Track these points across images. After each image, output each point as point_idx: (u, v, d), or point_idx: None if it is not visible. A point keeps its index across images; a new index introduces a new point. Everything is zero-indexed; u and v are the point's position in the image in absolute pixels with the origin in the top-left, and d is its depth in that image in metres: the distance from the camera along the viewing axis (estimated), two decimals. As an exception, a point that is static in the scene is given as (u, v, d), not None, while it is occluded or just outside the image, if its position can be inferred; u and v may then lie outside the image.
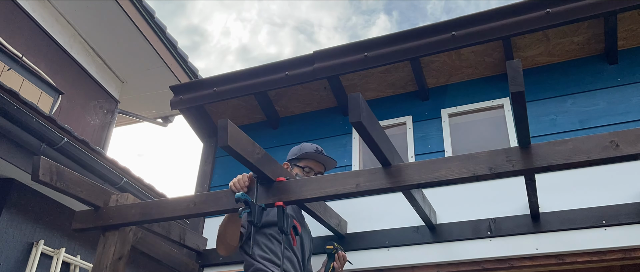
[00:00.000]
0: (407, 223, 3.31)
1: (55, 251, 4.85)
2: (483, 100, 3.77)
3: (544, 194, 3.00)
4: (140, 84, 7.88)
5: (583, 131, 3.33)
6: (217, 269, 3.74)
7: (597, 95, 3.46)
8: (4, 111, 3.88)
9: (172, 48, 7.41)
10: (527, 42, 3.62)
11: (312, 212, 2.90)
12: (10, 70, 5.55)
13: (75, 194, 2.74)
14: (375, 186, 2.34)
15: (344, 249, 2.95)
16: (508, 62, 1.93)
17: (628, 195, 2.92)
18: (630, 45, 3.56)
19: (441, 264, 3.17)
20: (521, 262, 3.00)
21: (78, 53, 6.99)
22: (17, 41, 5.93)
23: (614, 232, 2.85)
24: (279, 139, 4.26)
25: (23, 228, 4.60)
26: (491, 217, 3.14)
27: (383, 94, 4.14)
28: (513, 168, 2.14)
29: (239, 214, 2.24)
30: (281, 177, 2.51)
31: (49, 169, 2.59)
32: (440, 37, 3.62)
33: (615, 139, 2.03)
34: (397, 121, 3.96)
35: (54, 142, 4.32)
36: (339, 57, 3.89)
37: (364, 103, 2.06)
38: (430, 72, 3.90)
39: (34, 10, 6.32)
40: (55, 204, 4.96)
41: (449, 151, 3.64)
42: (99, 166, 4.83)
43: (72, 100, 6.71)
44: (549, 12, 3.34)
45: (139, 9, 6.82)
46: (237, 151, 2.12)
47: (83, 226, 2.97)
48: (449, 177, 2.24)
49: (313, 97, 4.25)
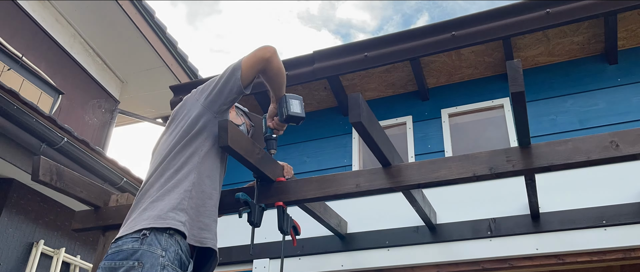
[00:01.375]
0: (407, 223, 3.31)
1: (55, 251, 4.85)
2: (483, 100, 3.77)
3: (544, 194, 3.00)
4: (140, 84, 7.88)
5: (583, 131, 3.33)
6: (217, 269, 3.73)
7: (597, 95, 3.46)
8: (4, 111, 3.89)
9: (172, 48, 7.41)
10: (527, 42, 3.62)
11: (312, 212, 2.89)
12: (10, 70, 5.55)
13: (75, 194, 2.74)
14: (375, 186, 2.34)
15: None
16: (508, 62, 1.93)
17: (628, 195, 2.92)
18: (630, 45, 3.56)
19: (441, 264, 3.17)
20: (521, 262, 3.00)
21: (78, 53, 6.99)
22: (17, 41, 5.93)
23: (614, 232, 2.85)
24: (279, 139, 4.25)
25: (23, 228, 4.60)
26: (491, 217, 3.14)
27: (383, 94, 4.14)
28: (513, 168, 2.14)
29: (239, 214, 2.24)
30: (281, 177, 2.51)
31: (49, 169, 2.58)
32: (440, 37, 3.62)
33: (615, 139, 2.03)
34: (397, 121, 3.96)
35: (54, 142, 4.32)
36: (339, 57, 3.89)
37: (364, 103, 2.06)
38: (430, 72, 3.90)
39: (34, 10, 6.32)
40: (55, 204, 4.97)
41: (449, 151, 3.63)
42: (99, 166, 4.84)
43: (72, 100, 6.71)
44: (549, 12, 3.34)
45: (139, 9, 6.82)
46: (237, 151, 2.12)
47: (83, 226, 2.97)
48: (449, 177, 2.24)
49: (313, 97, 4.25)
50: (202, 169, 2.03)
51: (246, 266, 3.66)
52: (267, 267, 3.55)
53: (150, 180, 2.02)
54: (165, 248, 1.79)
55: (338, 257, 3.41)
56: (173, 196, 1.92)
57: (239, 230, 3.67)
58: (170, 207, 1.89)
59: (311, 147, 4.15)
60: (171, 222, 1.85)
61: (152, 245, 1.78)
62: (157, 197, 1.93)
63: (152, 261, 1.74)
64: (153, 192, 1.96)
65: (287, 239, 2.35)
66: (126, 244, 1.79)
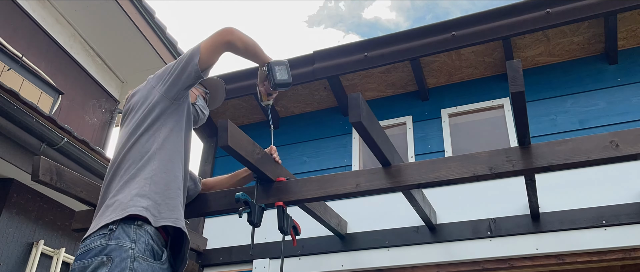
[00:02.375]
0: (407, 223, 3.31)
1: (55, 251, 4.85)
2: (483, 100, 3.77)
3: (544, 194, 3.00)
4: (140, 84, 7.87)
5: (583, 131, 3.33)
6: (217, 269, 3.74)
7: (597, 95, 3.46)
8: (4, 111, 3.88)
9: (172, 48, 7.41)
10: (527, 42, 3.62)
11: (312, 212, 2.89)
12: (10, 70, 5.55)
13: (75, 194, 2.74)
14: (375, 186, 2.34)
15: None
16: (508, 62, 1.93)
17: (628, 195, 2.92)
18: (630, 45, 3.56)
19: (441, 264, 3.17)
20: (521, 262, 3.00)
21: (78, 53, 6.99)
22: (17, 41, 5.93)
23: (614, 232, 2.85)
24: (279, 139, 4.26)
25: (23, 228, 4.60)
26: (491, 217, 3.14)
27: (383, 94, 4.14)
28: (513, 168, 2.14)
29: (239, 214, 2.24)
30: (281, 177, 2.51)
31: (49, 169, 2.58)
32: (440, 37, 3.62)
33: (615, 139, 2.03)
34: (397, 121, 3.96)
35: (54, 142, 4.32)
36: (339, 57, 3.89)
37: (364, 103, 2.06)
38: (430, 72, 3.90)
39: (34, 10, 6.31)
40: (55, 204, 4.96)
41: (449, 151, 3.63)
42: (99, 166, 4.83)
43: (72, 100, 6.71)
44: (549, 12, 3.34)
45: (139, 9, 6.82)
46: (237, 151, 2.12)
47: (83, 226, 2.97)
48: (449, 177, 2.24)
49: (313, 97, 4.25)
50: (162, 154, 2.00)
51: (246, 266, 3.66)
52: (267, 267, 3.55)
53: (110, 175, 1.99)
54: (135, 240, 1.77)
55: (338, 257, 3.42)
56: (133, 185, 1.89)
57: (239, 230, 3.67)
58: (131, 195, 1.86)
59: (311, 147, 4.15)
60: (132, 209, 1.81)
61: (121, 238, 1.75)
62: (117, 190, 1.90)
63: (122, 255, 1.72)
64: (113, 186, 1.94)
65: (287, 239, 2.35)
66: (94, 242, 1.77)
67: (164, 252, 1.90)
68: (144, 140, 2.01)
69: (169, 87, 2.10)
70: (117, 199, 1.86)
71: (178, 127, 2.11)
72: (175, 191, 2.01)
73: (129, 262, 1.71)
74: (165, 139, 2.04)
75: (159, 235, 1.88)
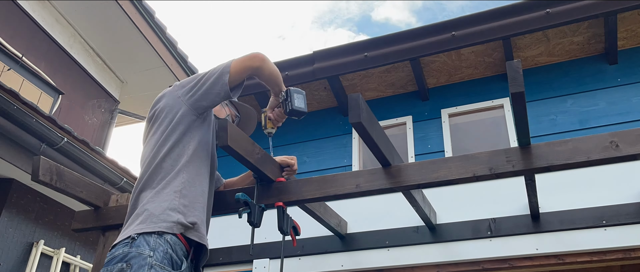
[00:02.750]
0: (407, 223, 3.31)
1: (55, 251, 4.85)
2: (483, 100, 3.77)
3: (544, 194, 3.00)
4: (140, 84, 7.88)
5: (583, 131, 3.33)
6: (217, 269, 3.74)
7: (597, 95, 3.46)
8: (4, 111, 3.89)
9: (172, 48, 7.41)
10: (527, 42, 3.62)
11: (312, 212, 2.89)
12: (10, 70, 5.55)
13: (75, 194, 2.74)
14: (375, 186, 2.34)
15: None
16: (508, 62, 1.93)
17: (628, 195, 2.92)
18: (630, 45, 3.56)
19: (441, 264, 3.17)
20: (521, 262, 3.00)
21: (78, 53, 6.99)
22: (17, 41, 5.93)
23: (614, 232, 2.85)
24: (279, 139, 4.26)
25: (23, 228, 4.60)
26: (491, 217, 3.14)
27: (383, 94, 4.14)
28: (513, 168, 2.14)
29: (239, 215, 2.24)
30: (281, 177, 2.51)
31: (49, 169, 2.58)
32: (440, 37, 3.62)
33: (615, 139, 2.03)
34: (397, 121, 3.96)
35: (54, 142, 4.32)
36: (339, 57, 3.89)
37: (364, 103, 2.06)
38: (430, 72, 3.90)
39: (34, 10, 6.32)
40: (55, 204, 4.97)
41: (449, 151, 3.63)
42: (99, 166, 4.84)
43: (72, 100, 6.71)
44: (549, 12, 3.34)
45: (139, 9, 6.82)
46: (237, 151, 2.12)
47: (83, 226, 2.97)
48: (449, 178, 2.23)
49: (313, 97, 4.25)
50: (190, 168, 2.05)
51: (246, 266, 3.66)
52: (267, 267, 3.55)
53: (141, 184, 2.04)
54: (154, 248, 1.83)
55: (338, 257, 3.41)
56: (163, 197, 1.95)
57: (239, 230, 3.67)
58: (163, 208, 1.92)
59: (311, 147, 4.15)
60: (163, 224, 1.88)
61: (141, 246, 1.83)
62: (148, 200, 1.96)
63: (140, 262, 1.79)
64: (144, 196, 2.00)
65: (287, 239, 2.35)
66: (118, 250, 1.86)
67: (184, 263, 1.94)
68: (174, 152, 2.06)
69: (196, 101, 2.12)
70: (147, 209, 1.94)
71: (205, 140, 2.16)
72: (202, 205, 2.07)
73: (147, 269, 1.78)
74: (194, 153, 2.09)
75: (182, 245, 1.93)
